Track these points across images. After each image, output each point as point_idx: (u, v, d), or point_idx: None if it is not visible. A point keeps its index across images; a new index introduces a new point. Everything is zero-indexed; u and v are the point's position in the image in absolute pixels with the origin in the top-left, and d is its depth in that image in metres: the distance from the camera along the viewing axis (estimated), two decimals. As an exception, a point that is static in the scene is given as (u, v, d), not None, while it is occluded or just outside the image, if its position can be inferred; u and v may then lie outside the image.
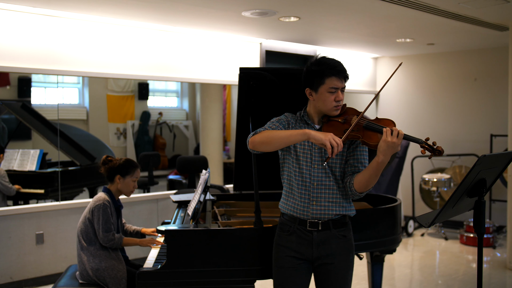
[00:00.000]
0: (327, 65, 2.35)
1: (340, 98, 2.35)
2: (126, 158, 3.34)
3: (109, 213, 3.14)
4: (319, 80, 2.34)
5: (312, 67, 2.38)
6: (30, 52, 4.54)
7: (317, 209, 2.38)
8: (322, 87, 2.34)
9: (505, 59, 6.09)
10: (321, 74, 2.34)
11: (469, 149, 7.05)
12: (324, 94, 2.35)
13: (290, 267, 2.43)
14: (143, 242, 3.27)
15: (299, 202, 2.41)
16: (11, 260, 4.55)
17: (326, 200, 2.38)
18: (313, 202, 2.38)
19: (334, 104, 2.35)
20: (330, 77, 2.32)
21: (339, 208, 2.40)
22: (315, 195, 2.38)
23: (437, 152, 2.18)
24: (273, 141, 2.32)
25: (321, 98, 2.36)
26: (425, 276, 5.19)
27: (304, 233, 2.41)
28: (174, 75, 5.51)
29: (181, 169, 6.01)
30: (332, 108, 2.36)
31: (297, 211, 2.42)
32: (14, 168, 5.33)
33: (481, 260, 2.33)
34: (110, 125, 7.97)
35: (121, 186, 3.27)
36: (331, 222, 2.39)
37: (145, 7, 4.38)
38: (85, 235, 3.14)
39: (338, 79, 2.33)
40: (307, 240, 2.40)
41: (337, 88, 2.33)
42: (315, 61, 2.40)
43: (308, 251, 2.41)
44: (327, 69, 2.34)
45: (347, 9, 4.51)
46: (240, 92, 2.95)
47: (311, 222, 2.39)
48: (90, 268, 3.08)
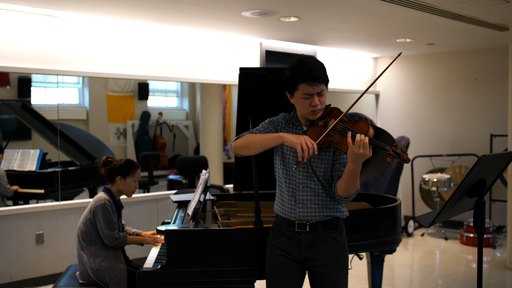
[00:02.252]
0: (300, 71, 2.26)
1: (316, 103, 2.28)
2: (127, 159, 3.34)
3: (111, 212, 3.14)
4: (293, 86, 2.31)
5: (287, 73, 2.33)
6: (30, 52, 4.54)
7: (303, 211, 2.36)
8: (297, 93, 2.31)
9: (505, 59, 6.09)
10: (294, 80, 2.29)
11: (469, 149, 7.05)
12: (299, 100, 2.31)
13: (280, 266, 2.43)
14: (146, 240, 3.31)
15: (287, 203, 2.41)
16: (11, 260, 4.55)
17: (312, 203, 2.36)
18: (299, 204, 2.37)
19: (310, 109, 2.30)
20: (302, 83, 2.26)
21: (327, 210, 2.37)
22: (301, 197, 2.37)
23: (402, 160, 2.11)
24: (251, 145, 2.33)
25: (298, 103, 2.34)
26: (425, 276, 5.19)
27: (293, 234, 2.40)
28: (174, 75, 5.51)
29: (181, 169, 6.01)
30: (308, 113, 2.33)
31: (286, 212, 2.42)
32: (14, 168, 5.33)
33: (481, 260, 2.33)
34: (110, 125, 7.97)
35: (122, 187, 3.27)
36: (320, 224, 2.37)
37: (145, 7, 4.38)
38: (85, 235, 3.14)
39: (311, 85, 2.25)
40: (295, 241, 2.39)
41: (311, 94, 2.27)
42: (291, 65, 2.32)
43: (296, 252, 2.40)
44: (299, 76, 2.26)
45: (347, 9, 4.51)
46: (240, 92, 2.95)
47: (299, 223, 2.37)
48: (90, 268, 3.08)
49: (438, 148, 7.29)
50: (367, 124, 2.21)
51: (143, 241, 3.34)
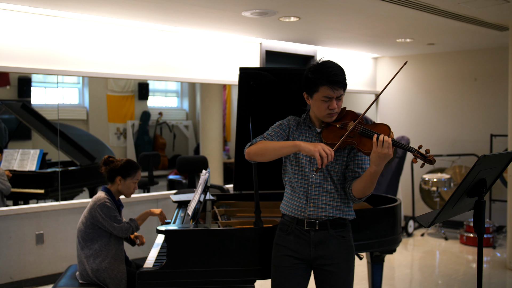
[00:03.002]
0: (323, 74, 2.28)
1: (334, 107, 2.31)
2: (128, 159, 3.33)
3: (112, 208, 3.13)
4: (314, 87, 2.32)
5: (309, 74, 2.35)
6: (30, 52, 4.54)
7: (314, 210, 2.38)
8: (316, 95, 2.33)
9: (505, 59, 6.09)
10: (315, 82, 2.31)
11: (469, 149, 7.05)
12: (318, 101, 2.33)
13: (287, 266, 2.43)
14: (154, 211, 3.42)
15: (298, 202, 2.41)
16: (11, 260, 4.55)
17: (323, 203, 2.38)
18: (310, 204, 2.38)
19: (327, 112, 2.32)
20: (323, 86, 2.28)
21: (337, 212, 2.39)
22: (313, 197, 2.38)
23: (428, 161, 2.14)
24: (267, 152, 2.34)
25: (315, 105, 2.35)
26: (425, 276, 5.19)
27: (302, 232, 2.40)
28: (174, 75, 5.51)
29: (181, 169, 6.01)
30: (325, 116, 2.35)
31: (295, 211, 2.42)
32: (14, 168, 5.33)
33: (481, 260, 2.33)
34: (110, 125, 7.97)
35: (121, 188, 3.26)
36: (329, 222, 2.39)
37: (145, 7, 4.38)
38: (85, 236, 3.14)
39: (332, 89, 2.28)
40: (305, 240, 2.40)
41: (331, 97, 2.29)
42: (313, 66, 2.35)
43: (305, 251, 2.41)
44: (321, 78, 2.28)
45: (347, 9, 4.51)
46: (240, 92, 2.96)
47: (309, 221, 2.38)
48: (90, 268, 3.08)
49: (438, 148, 7.29)
50: (387, 127, 2.25)
51: (150, 213, 3.42)
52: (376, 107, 7.94)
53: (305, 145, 2.22)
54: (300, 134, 2.45)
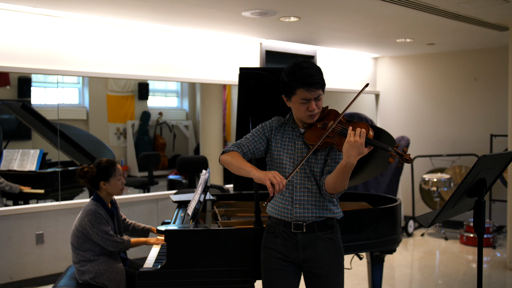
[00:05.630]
0: (298, 76, 2.24)
1: (313, 108, 2.28)
2: (98, 161, 3.17)
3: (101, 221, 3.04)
4: (291, 90, 2.30)
5: (284, 77, 2.32)
6: (30, 52, 4.54)
7: (300, 212, 2.36)
8: (294, 97, 2.30)
9: (505, 59, 6.09)
10: (291, 85, 2.28)
11: (469, 149, 7.05)
12: (297, 104, 2.31)
13: (277, 269, 2.41)
14: (149, 241, 3.27)
15: (283, 204, 2.40)
16: (11, 260, 4.55)
17: (309, 203, 2.36)
18: (296, 205, 2.36)
19: (307, 113, 2.30)
20: (299, 88, 2.25)
21: (324, 211, 2.38)
22: (298, 198, 2.37)
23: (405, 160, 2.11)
24: (232, 168, 2.36)
25: (295, 107, 2.34)
26: (425, 276, 5.19)
27: (289, 235, 2.39)
28: (174, 75, 5.51)
29: (181, 169, 6.01)
30: (306, 117, 2.33)
31: (281, 213, 2.41)
32: (14, 168, 5.33)
33: (481, 260, 2.33)
34: (110, 125, 7.97)
35: (109, 190, 3.15)
36: (316, 224, 2.37)
37: (145, 7, 4.38)
38: (78, 245, 3.08)
39: (309, 91, 2.24)
40: (292, 243, 2.38)
41: (309, 99, 2.27)
42: (289, 69, 2.31)
43: (293, 254, 2.39)
44: (297, 81, 2.25)
45: (347, 9, 4.51)
46: (240, 92, 2.95)
47: (296, 224, 2.37)
48: (88, 274, 3.05)
49: (438, 148, 7.29)
50: (367, 125, 2.20)
51: (146, 242, 3.28)
52: (376, 107, 7.94)
53: (256, 173, 2.20)
54: (284, 136, 2.43)
